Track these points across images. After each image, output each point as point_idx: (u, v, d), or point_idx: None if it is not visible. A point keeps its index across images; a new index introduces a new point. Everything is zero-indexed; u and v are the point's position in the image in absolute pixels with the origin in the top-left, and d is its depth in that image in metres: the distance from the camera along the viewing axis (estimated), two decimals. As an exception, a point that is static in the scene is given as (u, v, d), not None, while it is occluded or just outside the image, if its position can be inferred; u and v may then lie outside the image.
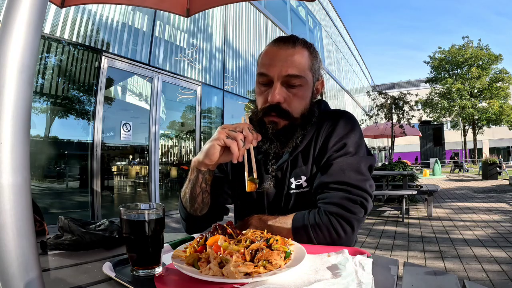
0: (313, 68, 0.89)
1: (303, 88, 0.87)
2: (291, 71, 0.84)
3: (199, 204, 0.88)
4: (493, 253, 3.06)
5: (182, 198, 0.91)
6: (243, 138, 0.75)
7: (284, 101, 0.85)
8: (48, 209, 4.00)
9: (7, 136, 0.37)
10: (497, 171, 12.39)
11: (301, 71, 0.85)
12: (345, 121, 0.88)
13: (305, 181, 0.88)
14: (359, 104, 22.78)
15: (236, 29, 7.90)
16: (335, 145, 0.85)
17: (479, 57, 26.33)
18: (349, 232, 0.77)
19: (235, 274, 0.50)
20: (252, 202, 0.95)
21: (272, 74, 0.85)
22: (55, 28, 4.04)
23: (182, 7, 1.60)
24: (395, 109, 9.15)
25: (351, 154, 0.84)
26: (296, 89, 0.86)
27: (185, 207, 0.91)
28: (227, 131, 0.76)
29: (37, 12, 0.39)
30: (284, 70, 0.84)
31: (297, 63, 0.85)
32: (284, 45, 0.87)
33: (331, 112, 0.93)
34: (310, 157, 0.88)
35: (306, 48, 0.89)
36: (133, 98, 5.77)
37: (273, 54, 0.86)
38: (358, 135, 0.86)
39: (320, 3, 14.98)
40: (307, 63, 0.87)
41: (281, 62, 0.84)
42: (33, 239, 0.38)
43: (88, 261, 0.68)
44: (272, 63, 0.85)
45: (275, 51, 0.86)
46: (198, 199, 0.87)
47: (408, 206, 6.05)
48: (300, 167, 0.89)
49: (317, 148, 0.88)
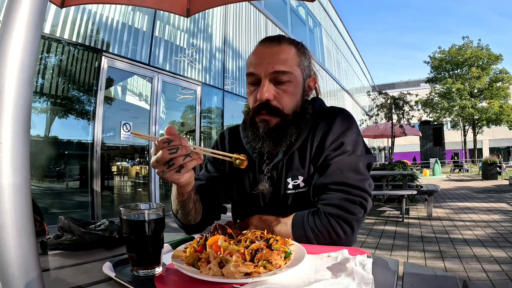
0: (302, 64, 0.89)
1: (292, 84, 0.86)
2: (278, 67, 0.84)
3: (192, 216, 0.88)
4: (493, 253, 3.06)
5: (175, 213, 0.89)
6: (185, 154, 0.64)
7: (273, 98, 0.85)
8: (48, 209, 4.00)
9: (7, 136, 0.37)
10: (497, 171, 12.39)
11: (288, 66, 0.85)
12: (342, 119, 0.86)
13: (302, 181, 0.87)
14: (359, 104, 22.78)
15: (236, 29, 7.90)
16: (332, 144, 0.83)
17: (479, 57, 26.32)
18: (349, 233, 0.77)
19: (235, 274, 0.50)
20: (249, 202, 0.94)
21: (259, 72, 0.85)
22: (55, 28, 4.04)
23: (182, 7, 1.60)
24: (395, 109, 9.15)
25: (348, 153, 0.82)
26: (285, 86, 0.85)
27: (179, 219, 0.90)
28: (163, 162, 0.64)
29: (37, 12, 0.39)
30: (271, 67, 0.84)
31: (283, 59, 0.85)
32: (270, 43, 0.87)
33: (327, 110, 0.92)
34: (307, 156, 0.87)
35: (294, 45, 0.89)
36: (133, 98, 5.77)
37: (259, 53, 0.87)
38: (355, 133, 0.85)
39: (320, 3, 14.98)
40: (294, 59, 0.87)
41: (268, 60, 0.84)
42: (33, 239, 0.38)
43: (88, 261, 0.68)
44: (259, 62, 0.85)
45: (262, 50, 0.87)
46: (191, 212, 0.86)
47: (408, 206, 6.05)
48: (296, 167, 0.88)
49: (313, 147, 0.87)
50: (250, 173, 0.94)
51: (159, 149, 0.63)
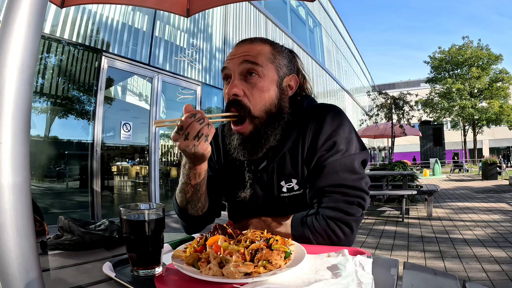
0: (276, 62, 0.86)
1: (261, 79, 0.83)
2: (246, 58, 0.83)
3: (202, 203, 0.86)
4: (493, 253, 3.06)
5: (182, 206, 0.87)
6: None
7: (243, 93, 0.82)
8: (48, 209, 4.00)
9: (7, 136, 0.37)
10: (497, 171, 12.39)
11: (257, 59, 0.83)
12: (332, 116, 0.83)
13: (296, 184, 0.85)
14: (359, 104, 22.78)
15: (236, 29, 7.90)
16: (324, 145, 0.81)
17: (479, 57, 26.30)
18: (348, 234, 0.77)
19: (235, 274, 0.50)
20: (240, 205, 0.93)
21: (230, 67, 0.85)
22: (55, 28, 4.04)
23: (182, 7, 1.60)
24: (395, 109, 9.16)
25: (342, 152, 0.80)
26: (253, 78, 0.83)
27: (187, 212, 0.88)
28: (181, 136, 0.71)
29: (37, 12, 0.39)
30: (240, 61, 0.83)
31: (253, 54, 0.84)
32: (243, 42, 0.88)
33: (316, 108, 0.88)
34: (299, 158, 0.84)
35: (268, 44, 0.88)
36: (133, 98, 5.77)
37: (232, 52, 0.88)
38: (347, 130, 0.82)
39: (320, 3, 14.97)
40: (265, 54, 0.85)
41: (238, 55, 0.85)
42: (33, 239, 0.38)
43: (88, 261, 0.68)
44: (231, 58, 0.86)
45: (236, 48, 0.88)
46: (202, 198, 0.86)
47: (408, 206, 6.05)
48: (288, 170, 0.85)
49: (305, 148, 0.84)
50: (236, 177, 0.94)
51: (187, 124, 0.69)
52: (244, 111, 0.82)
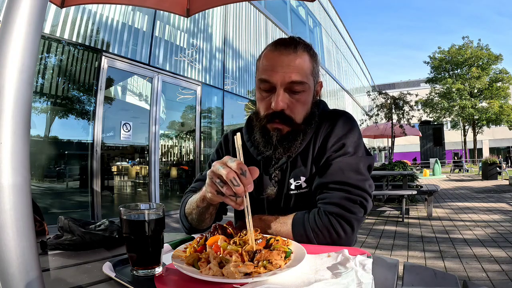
0: (314, 71, 0.89)
1: (305, 93, 0.86)
2: (294, 78, 0.82)
3: (206, 223, 0.89)
4: (493, 253, 3.06)
5: (187, 214, 0.90)
6: (234, 193, 0.63)
7: (287, 107, 0.85)
8: (48, 209, 3.99)
9: (7, 136, 0.37)
10: (497, 171, 12.39)
11: (304, 77, 0.84)
12: (344, 121, 0.87)
13: (304, 181, 0.88)
14: (359, 104, 22.78)
15: (236, 29, 7.90)
16: (334, 145, 0.85)
17: (479, 57, 26.29)
18: (349, 232, 0.77)
19: (235, 274, 0.50)
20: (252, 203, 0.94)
21: (275, 81, 0.83)
22: (55, 28, 4.04)
23: (182, 7, 1.60)
24: (395, 109, 9.15)
25: (350, 154, 0.83)
26: (299, 95, 0.85)
27: (189, 221, 0.91)
28: (215, 187, 0.67)
29: (37, 12, 0.39)
30: (288, 77, 0.82)
31: (299, 69, 0.83)
32: (285, 50, 0.84)
33: (329, 112, 0.93)
34: (309, 157, 0.88)
35: (307, 52, 0.87)
36: (133, 98, 5.76)
37: (274, 60, 0.84)
38: (356, 135, 0.86)
39: (320, 3, 14.97)
40: (309, 67, 0.86)
41: (284, 69, 0.82)
42: (33, 239, 0.38)
43: (88, 261, 0.68)
44: (274, 69, 0.83)
45: (277, 56, 0.84)
46: (207, 220, 0.88)
47: (408, 206, 6.05)
48: (299, 168, 0.89)
49: (316, 148, 0.88)
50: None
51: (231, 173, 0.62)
52: (287, 121, 0.86)
